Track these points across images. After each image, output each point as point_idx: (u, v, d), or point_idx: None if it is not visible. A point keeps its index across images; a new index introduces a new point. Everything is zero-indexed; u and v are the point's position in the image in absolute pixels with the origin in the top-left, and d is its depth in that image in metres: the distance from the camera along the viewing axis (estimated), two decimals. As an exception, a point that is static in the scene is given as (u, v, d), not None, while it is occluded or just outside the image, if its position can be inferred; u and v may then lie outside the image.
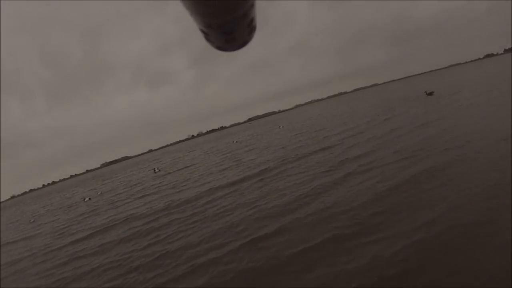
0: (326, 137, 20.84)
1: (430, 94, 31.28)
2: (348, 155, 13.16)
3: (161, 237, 9.26)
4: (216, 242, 7.66)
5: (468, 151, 9.39)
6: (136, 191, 21.52)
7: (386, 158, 11.05)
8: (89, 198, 26.73)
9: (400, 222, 6.10)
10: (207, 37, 0.51)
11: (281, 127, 47.75)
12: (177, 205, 12.80)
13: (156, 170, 33.43)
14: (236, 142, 42.02)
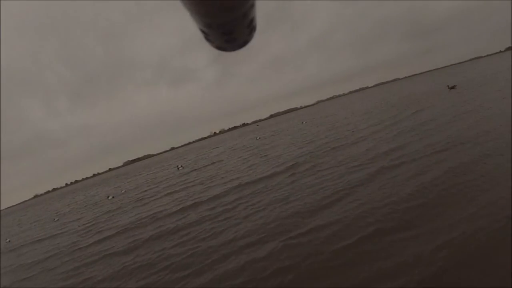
0: (354, 131, 20.49)
1: (453, 88, 31.15)
2: (378, 149, 12.94)
3: (191, 235, 9.18)
4: (250, 239, 7.52)
5: (502, 144, 9.13)
6: (162, 189, 21.65)
7: (418, 152, 10.81)
8: (113, 196, 27.16)
9: (439, 216, 5.94)
10: (207, 37, 0.52)
11: (304, 122, 47.75)
12: (206, 202, 12.74)
13: (180, 167, 33.55)
14: (259, 138, 42.07)
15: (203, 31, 0.50)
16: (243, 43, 0.55)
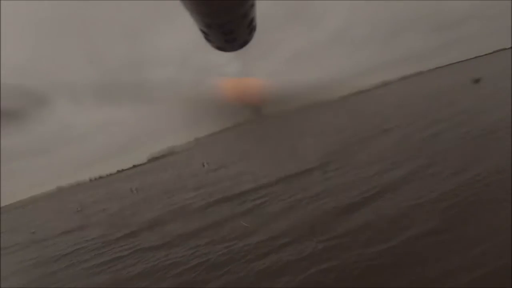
0: (387, 125, 19.54)
1: (477, 81, 30.73)
2: (414, 141, 12.83)
3: (225, 231, 8.96)
4: (287, 237, 7.30)
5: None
6: (190, 183, 21.45)
7: (456, 144, 10.70)
8: (136, 190, 27.77)
9: (483, 217, 5.68)
10: (207, 37, 0.57)
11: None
12: (237, 197, 12.58)
13: (205, 164, 33.42)
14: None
15: (203, 31, 0.53)
16: (243, 43, 0.60)
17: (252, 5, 0.51)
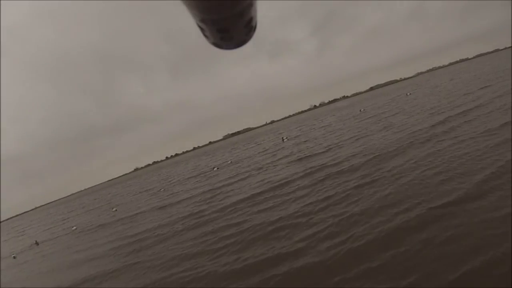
0: (483, 101, 17.97)
1: None
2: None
3: (334, 200, 8.75)
4: (397, 207, 7.00)
5: None
6: (280, 158, 21.16)
7: None
8: (217, 168, 28.55)
9: None
10: (203, 32, 0.54)
11: (408, 94, 47.11)
12: (340, 169, 12.20)
13: (285, 139, 33.54)
14: (364, 110, 41.76)
15: (199, 26, 0.51)
16: (241, 42, 0.56)
17: (251, 5, 0.47)
